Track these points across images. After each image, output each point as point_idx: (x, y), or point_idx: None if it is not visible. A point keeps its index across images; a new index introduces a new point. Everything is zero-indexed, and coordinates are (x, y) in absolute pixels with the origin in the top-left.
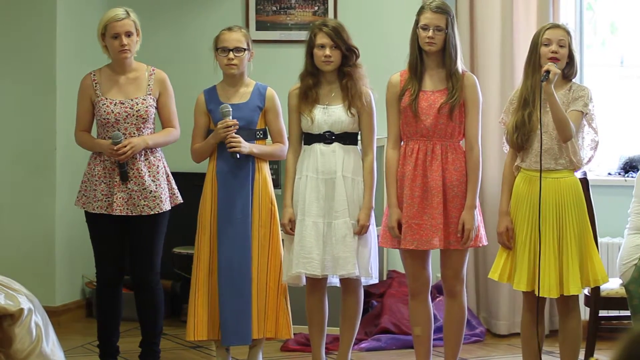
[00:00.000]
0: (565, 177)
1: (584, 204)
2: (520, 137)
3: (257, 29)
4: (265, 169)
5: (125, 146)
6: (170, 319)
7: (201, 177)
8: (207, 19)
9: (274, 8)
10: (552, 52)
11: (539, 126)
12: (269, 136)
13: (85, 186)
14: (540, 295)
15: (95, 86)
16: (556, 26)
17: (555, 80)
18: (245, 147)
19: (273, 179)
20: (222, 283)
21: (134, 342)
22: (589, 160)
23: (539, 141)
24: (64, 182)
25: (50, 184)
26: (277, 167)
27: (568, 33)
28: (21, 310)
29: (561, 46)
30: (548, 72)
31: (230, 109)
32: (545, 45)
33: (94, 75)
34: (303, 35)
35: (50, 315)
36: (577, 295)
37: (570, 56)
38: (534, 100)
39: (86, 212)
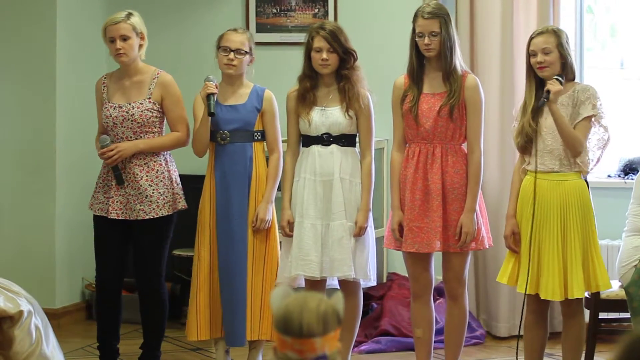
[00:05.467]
0: (570, 180)
1: (590, 208)
2: (523, 140)
3: (257, 32)
4: (264, 170)
5: (111, 150)
6: (170, 322)
7: (200, 179)
8: (207, 22)
9: (274, 10)
10: (538, 64)
11: (538, 130)
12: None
13: (95, 188)
14: (543, 298)
15: (104, 89)
16: (540, 33)
17: (558, 97)
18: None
19: None
20: (223, 283)
21: (134, 345)
22: (598, 161)
23: (543, 142)
24: (63, 183)
25: (50, 186)
26: None
27: (556, 35)
28: (21, 312)
29: (546, 53)
30: (549, 92)
31: (213, 77)
32: (533, 56)
33: (105, 78)
34: (303, 37)
35: (50, 317)
36: (581, 299)
37: (563, 57)
38: (533, 107)
39: (93, 215)
